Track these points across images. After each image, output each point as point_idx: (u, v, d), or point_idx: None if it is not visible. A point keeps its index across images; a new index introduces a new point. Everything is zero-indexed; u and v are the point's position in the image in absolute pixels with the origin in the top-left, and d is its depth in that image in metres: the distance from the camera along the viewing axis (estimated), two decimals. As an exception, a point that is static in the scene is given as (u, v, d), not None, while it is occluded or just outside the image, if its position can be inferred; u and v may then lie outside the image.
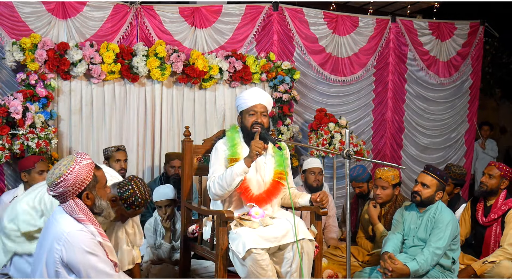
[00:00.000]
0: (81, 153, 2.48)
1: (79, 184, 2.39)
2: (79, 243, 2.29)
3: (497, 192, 4.08)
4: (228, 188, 3.20)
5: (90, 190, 2.45)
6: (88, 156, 2.49)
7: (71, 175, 2.36)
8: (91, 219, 2.42)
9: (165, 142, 5.35)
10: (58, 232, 2.33)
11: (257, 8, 5.81)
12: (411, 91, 6.80)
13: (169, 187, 4.17)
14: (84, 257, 2.29)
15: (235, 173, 3.16)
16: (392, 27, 6.59)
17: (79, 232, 2.33)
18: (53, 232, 2.35)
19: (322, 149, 5.35)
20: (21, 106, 4.37)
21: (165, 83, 5.32)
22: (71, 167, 2.38)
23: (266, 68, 5.64)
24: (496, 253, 3.82)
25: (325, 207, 3.36)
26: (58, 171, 2.38)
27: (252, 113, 3.36)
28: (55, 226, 2.37)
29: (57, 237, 2.32)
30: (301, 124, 6.16)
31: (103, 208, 2.51)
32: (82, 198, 2.43)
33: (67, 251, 2.28)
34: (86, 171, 2.41)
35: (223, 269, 3.08)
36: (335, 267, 4.09)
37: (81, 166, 2.40)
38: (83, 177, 2.40)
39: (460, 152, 7.14)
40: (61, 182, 2.35)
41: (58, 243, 2.30)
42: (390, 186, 4.16)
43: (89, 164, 2.44)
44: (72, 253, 2.28)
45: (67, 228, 2.33)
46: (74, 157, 2.44)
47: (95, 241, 2.36)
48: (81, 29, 5.02)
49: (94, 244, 2.34)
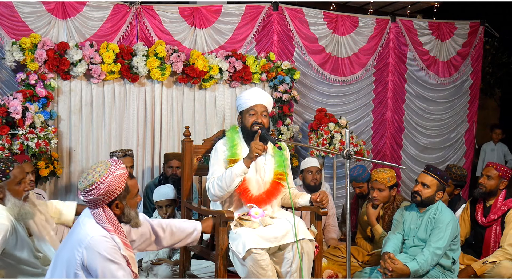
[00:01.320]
0: (116, 161, 2.43)
1: (110, 194, 2.36)
2: (100, 249, 2.28)
3: (496, 192, 4.08)
4: (228, 189, 3.20)
5: (121, 200, 2.42)
6: (122, 164, 2.44)
7: (103, 184, 2.33)
8: (117, 229, 2.40)
9: (165, 142, 5.35)
10: (82, 235, 2.33)
11: (257, 8, 5.81)
12: (411, 91, 6.80)
13: (170, 187, 4.16)
14: (104, 264, 2.28)
15: (234, 173, 3.16)
16: (392, 27, 6.59)
17: (102, 237, 2.31)
18: (78, 234, 2.36)
19: (322, 149, 5.35)
20: (20, 106, 4.37)
21: (165, 83, 5.32)
22: (104, 175, 2.34)
23: (266, 68, 5.64)
24: (496, 253, 3.81)
25: (325, 207, 3.35)
26: (91, 178, 2.34)
27: (252, 113, 3.36)
28: (80, 228, 2.37)
29: (80, 240, 2.32)
30: (301, 124, 6.16)
31: (131, 217, 2.48)
32: (112, 207, 2.41)
33: (88, 255, 2.28)
34: (119, 182, 2.37)
35: (223, 269, 3.08)
36: (335, 267, 4.09)
37: (114, 176, 2.36)
38: (115, 187, 2.36)
39: (460, 151, 7.14)
40: (93, 190, 2.33)
41: (80, 246, 2.30)
42: (387, 188, 4.14)
43: (123, 174, 2.40)
44: (92, 258, 2.28)
45: (91, 232, 2.32)
46: (109, 165, 2.40)
47: (117, 248, 2.35)
48: (81, 29, 5.02)
49: (115, 251, 2.33)
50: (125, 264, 2.35)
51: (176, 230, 2.87)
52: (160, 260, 4.07)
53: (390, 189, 4.16)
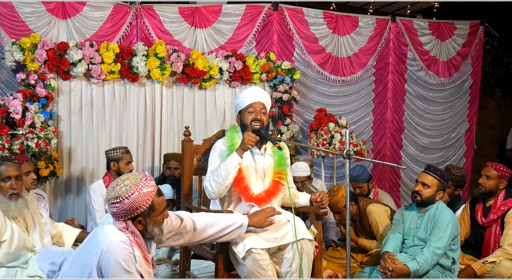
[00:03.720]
0: (146, 176, 2.40)
1: (133, 210, 2.34)
2: (117, 255, 2.27)
3: (496, 192, 4.08)
4: (225, 183, 3.19)
5: (144, 217, 2.39)
6: (152, 182, 2.40)
7: (128, 200, 2.31)
8: (138, 242, 2.39)
9: (165, 142, 5.35)
10: (102, 237, 2.33)
11: (257, 8, 5.81)
12: (411, 91, 6.80)
13: (168, 187, 4.17)
14: (117, 270, 2.28)
15: (229, 166, 3.16)
16: (392, 27, 6.59)
17: (121, 243, 2.30)
18: (98, 236, 2.37)
19: (322, 149, 5.35)
20: (20, 106, 4.36)
21: (165, 83, 5.32)
22: (130, 191, 2.31)
23: (266, 68, 5.65)
24: (496, 253, 3.81)
25: (325, 207, 3.35)
26: (119, 190, 2.33)
27: (251, 111, 3.35)
28: (101, 231, 2.38)
29: (100, 242, 2.32)
30: (301, 124, 6.16)
31: (154, 235, 2.45)
32: (135, 223, 2.39)
33: (104, 258, 2.28)
34: (144, 200, 2.34)
35: (223, 269, 3.08)
36: (335, 267, 4.09)
37: (140, 193, 2.33)
38: (139, 204, 2.33)
39: (460, 151, 7.14)
40: (117, 203, 2.32)
41: (98, 248, 2.30)
42: (343, 208, 4.07)
43: (149, 192, 2.36)
44: (107, 262, 2.28)
45: (112, 236, 2.32)
46: (139, 179, 2.36)
47: (133, 256, 2.33)
48: (81, 29, 5.02)
49: (130, 259, 2.32)
50: (137, 274, 2.34)
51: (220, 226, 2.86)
52: (160, 260, 4.07)
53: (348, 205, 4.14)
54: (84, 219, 4.83)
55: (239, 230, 2.92)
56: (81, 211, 4.98)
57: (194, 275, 3.61)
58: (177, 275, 3.84)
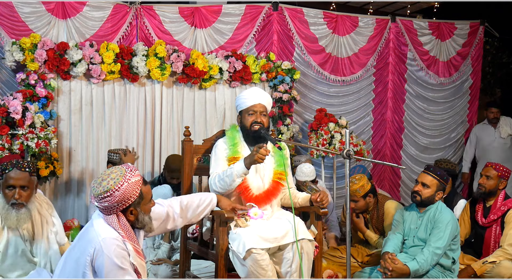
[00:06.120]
0: (131, 167, 2.43)
1: (125, 201, 2.36)
2: (110, 252, 2.28)
3: (496, 192, 4.08)
4: (229, 188, 3.24)
5: (135, 207, 2.42)
6: (137, 171, 2.45)
7: (118, 192, 2.33)
8: (130, 235, 2.40)
9: (165, 142, 5.35)
10: (94, 235, 2.34)
11: (257, 8, 5.81)
12: (411, 91, 6.80)
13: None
14: (111, 268, 2.29)
15: (235, 174, 3.17)
16: (392, 27, 6.59)
17: (113, 240, 2.31)
18: (89, 234, 2.37)
19: (322, 149, 5.35)
20: (20, 106, 4.37)
21: (165, 83, 5.32)
22: (119, 183, 2.34)
23: (266, 68, 5.65)
24: (496, 253, 3.82)
25: (325, 207, 3.36)
26: (106, 184, 2.34)
27: (252, 113, 3.36)
28: (92, 228, 2.38)
29: (91, 240, 2.33)
30: (301, 124, 6.16)
31: (145, 223, 2.49)
32: (126, 213, 2.41)
33: (97, 256, 2.29)
34: (134, 189, 2.37)
35: (223, 269, 3.08)
36: (335, 267, 4.09)
37: (129, 183, 2.36)
38: (130, 194, 2.36)
39: (460, 152, 7.14)
40: (107, 197, 2.33)
41: (91, 246, 2.31)
42: (361, 198, 4.14)
43: (137, 181, 2.40)
44: (101, 260, 2.28)
45: (103, 233, 2.33)
46: (124, 171, 2.39)
47: (127, 253, 2.35)
48: (81, 29, 5.02)
49: (123, 256, 2.33)
50: (131, 270, 2.35)
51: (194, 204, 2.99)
52: (160, 260, 4.07)
53: (365, 197, 4.16)
54: (84, 219, 4.83)
55: (209, 206, 3.06)
56: (81, 211, 4.98)
57: (194, 275, 3.61)
58: (177, 275, 3.84)
